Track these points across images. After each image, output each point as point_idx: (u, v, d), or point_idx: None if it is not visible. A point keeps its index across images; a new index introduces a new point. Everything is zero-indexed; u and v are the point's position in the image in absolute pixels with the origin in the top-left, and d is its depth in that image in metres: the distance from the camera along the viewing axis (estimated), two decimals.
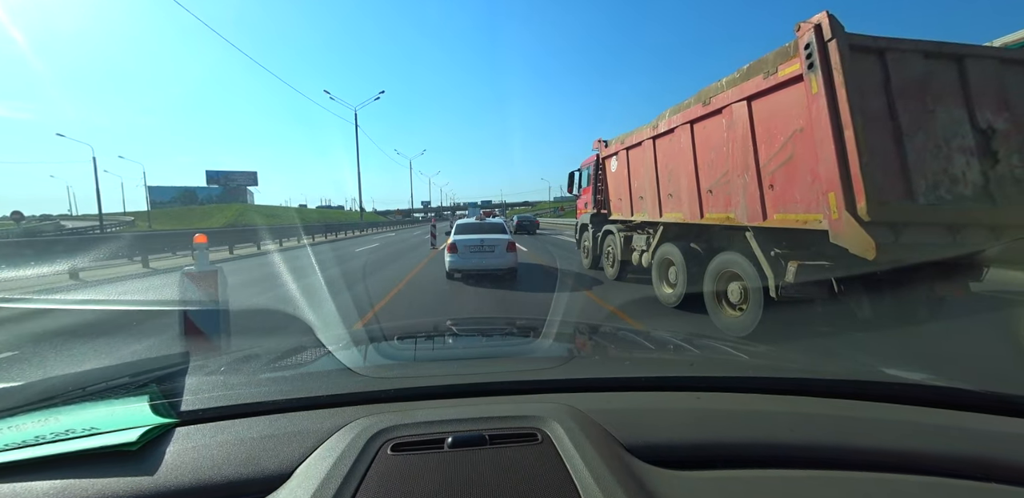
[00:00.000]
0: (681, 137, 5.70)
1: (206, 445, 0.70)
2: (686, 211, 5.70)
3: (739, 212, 4.55)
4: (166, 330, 4.76)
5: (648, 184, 6.80)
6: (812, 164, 3.55)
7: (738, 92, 4.45)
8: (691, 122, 5.46)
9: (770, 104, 4.05)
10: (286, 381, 1.07)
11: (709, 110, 5.02)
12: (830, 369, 1.27)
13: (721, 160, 4.90)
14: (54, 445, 0.68)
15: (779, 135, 3.96)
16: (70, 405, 0.86)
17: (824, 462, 0.68)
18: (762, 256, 4.12)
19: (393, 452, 0.67)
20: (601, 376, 1.02)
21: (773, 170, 4.05)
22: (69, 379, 1.00)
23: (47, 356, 4.21)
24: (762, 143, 4.20)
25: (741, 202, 4.49)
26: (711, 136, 5.09)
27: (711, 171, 5.12)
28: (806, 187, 3.65)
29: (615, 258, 8.28)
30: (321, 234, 25.03)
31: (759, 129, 4.23)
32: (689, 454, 0.70)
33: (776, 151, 3.99)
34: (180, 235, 14.60)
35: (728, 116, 4.67)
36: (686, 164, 5.61)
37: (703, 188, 5.32)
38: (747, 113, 4.34)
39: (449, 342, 1.66)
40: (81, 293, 7.87)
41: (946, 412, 0.83)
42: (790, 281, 3.79)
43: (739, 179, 4.52)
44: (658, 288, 6.46)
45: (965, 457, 0.69)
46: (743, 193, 4.45)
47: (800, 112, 3.66)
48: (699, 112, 5.23)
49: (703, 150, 5.27)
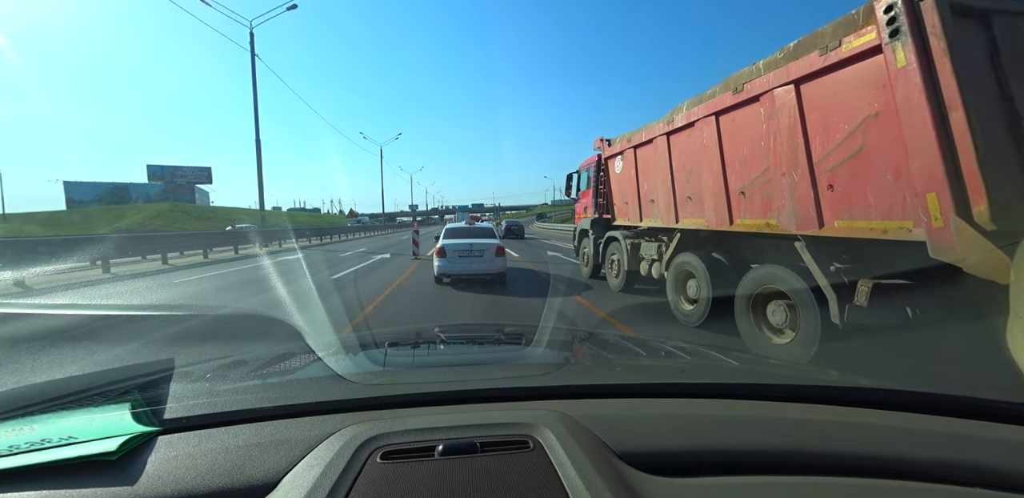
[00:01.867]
0: (704, 132, 4.97)
1: (189, 454, 0.68)
2: (710, 216, 4.95)
3: (784, 218, 3.81)
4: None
5: (661, 186, 6.06)
6: (896, 157, 2.81)
7: (782, 75, 3.72)
8: (716, 114, 4.74)
9: (828, 86, 3.32)
10: (273, 388, 1.04)
11: (741, 99, 4.29)
12: (819, 376, 1.32)
13: (758, 157, 4.17)
14: (29, 455, 0.66)
15: (841, 123, 3.23)
16: (47, 414, 0.84)
17: (816, 468, 0.68)
18: (819, 272, 3.37)
19: (383, 460, 0.66)
20: (593, 383, 1.02)
21: (833, 167, 3.31)
22: (46, 387, 0.99)
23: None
24: (816, 134, 3.46)
25: (787, 206, 3.75)
26: (743, 129, 4.37)
27: (744, 170, 4.38)
28: (885, 187, 2.91)
29: (621, 268, 7.51)
30: (281, 240, 20.17)
31: (812, 117, 3.50)
32: (681, 461, 0.69)
33: (838, 143, 3.26)
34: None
35: (768, 104, 3.94)
36: (710, 163, 4.88)
37: (733, 190, 4.58)
38: (795, 99, 3.61)
39: (440, 348, 1.64)
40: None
41: (937, 418, 0.83)
42: (861, 304, 3.04)
43: (784, 179, 3.78)
44: (675, 304, 5.70)
45: (957, 463, 0.69)
46: (790, 195, 3.71)
47: (875, 93, 2.94)
48: (728, 102, 4.50)
49: (733, 146, 4.54)
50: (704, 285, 5.02)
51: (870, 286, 2.99)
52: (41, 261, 8.74)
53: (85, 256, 10.02)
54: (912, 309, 3.06)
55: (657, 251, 6.44)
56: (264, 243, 18.33)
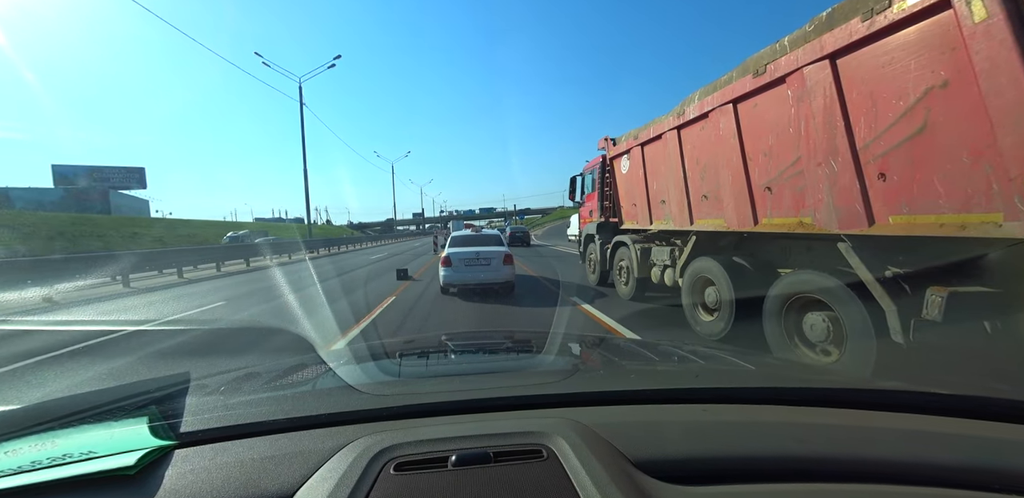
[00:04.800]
0: (720, 122, 4.44)
1: (205, 468, 0.69)
2: (730, 216, 4.40)
3: (822, 215, 3.25)
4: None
5: (673, 185, 5.52)
6: (974, 135, 2.26)
7: (814, 50, 3.19)
8: (734, 101, 4.21)
9: (875, 57, 2.78)
10: (287, 400, 1.01)
11: (764, 82, 3.76)
12: (835, 378, 1.31)
13: (785, 146, 3.62)
14: (50, 470, 0.66)
15: (894, 100, 2.68)
16: (67, 428, 0.84)
17: (835, 475, 0.66)
18: (871, 279, 2.81)
19: (396, 472, 0.65)
20: (605, 389, 1.00)
21: (884, 152, 2.76)
22: (66, 402, 0.97)
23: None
24: (860, 115, 2.92)
25: (826, 201, 3.19)
26: (767, 116, 3.83)
27: (769, 162, 3.84)
28: (960, 172, 2.35)
29: (630, 275, 6.95)
30: (212, 263, 14.39)
31: (854, 96, 2.96)
32: (698, 468, 0.68)
33: (890, 124, 2.71)
34: None
35: (797, 85, 3.41)
36: (728, 156, 4.34)
37: (756, 185, 4.03)
38: (831, 76, 3.07)
39: (451, 357, 1.63)
40: None
41: (955, 420, 0.81)
42: (934, 318, 2.46)
43: (820, 169, 3.23)
44: (692, 314, 5.12)
45: (977, 467, 0.67)
46: (828, 189, 3.16)
47: (941, 59, 2.39)
48: (748, 86, 3.98)
49: (755, 135, 4.00)
50: (725, 294, 4.45)
51: (944, 295, 2.42)
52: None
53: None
54: (992, 323, 2.48)
55: (670, 256, 5.89)
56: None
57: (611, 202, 7.96)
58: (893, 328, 2.63)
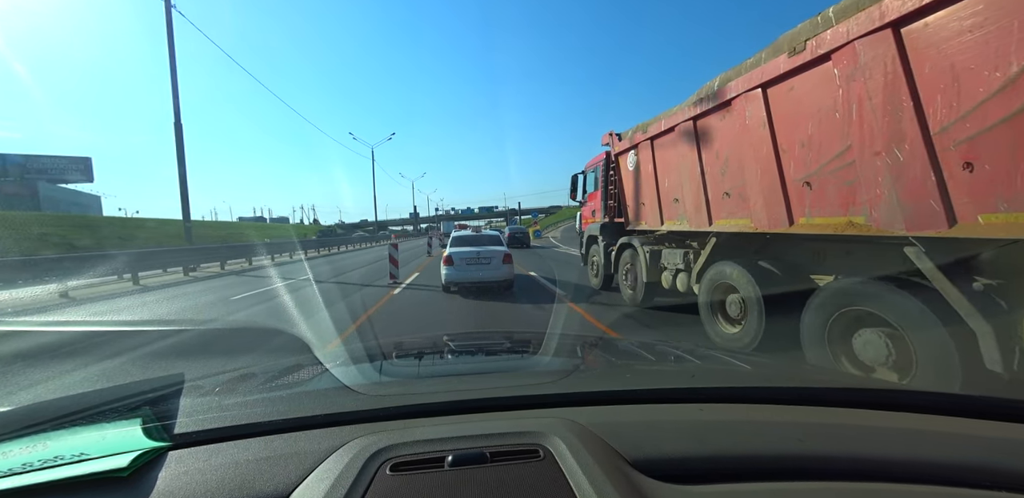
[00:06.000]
0: (747, 110, 3.92)
1: (199, 469, 0.68)
2: (759, 216, 3.88)
3: (881, 213, 2.73)
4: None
5: (688, 182, 5.01)
6: None
7: (870, 19, 2.68)
8: (763, 86, 3.70)
9: (954, 21, 2.27)
10: (282, 401, 1.01)
11: (802, 61, 3.25)
12: (831, 377, 1.33)
13: (831, 134, 3.11)
14: (42, 472, 0.66)
15: (986, 71, 2.16)
16: (59, 430, 0.83)
17: (832, 473, 0.66)
18: (956, 293, 2.29)
19: (392, 472, 0.65)
20: (602, 389, 0.99)
21: (972, 136, 2.24)
22: (58, 403, 0.95)
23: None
24: (936, 92, 2.40)
25: (887, 197, 2.68)
26: (806, 100, 3.32)
27: (809, 153, 3.32)
28: None
29: (638, 279, 6.43)
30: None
31: (925, 69, 2.44)
32: (694, 468, 0.68)
33: (982, 100, 2.19)
34: None
35: (846, 62, 2.90)
36: (757, 148, 3.82)
37: (791, 180, 3.52)
38: (894, 48, 2.56)
39: (448, 358, 1.61)
40: None
41: (951, 419, 0.81)
42: None
43: (878, 159, 2.71)
44: (711, 325, 4.61)
45: (973, 465, 0.67)
46: (891, 182, 2.64)
47: None
48: (781, 67, 3.46)
49: (791, 123, 3.49)
50: (752, 304, 3.94)
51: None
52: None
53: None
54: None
55: (683, 259, 5.36)
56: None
57: (616, 201, 7.45)
58: (988, 355, 2.11)
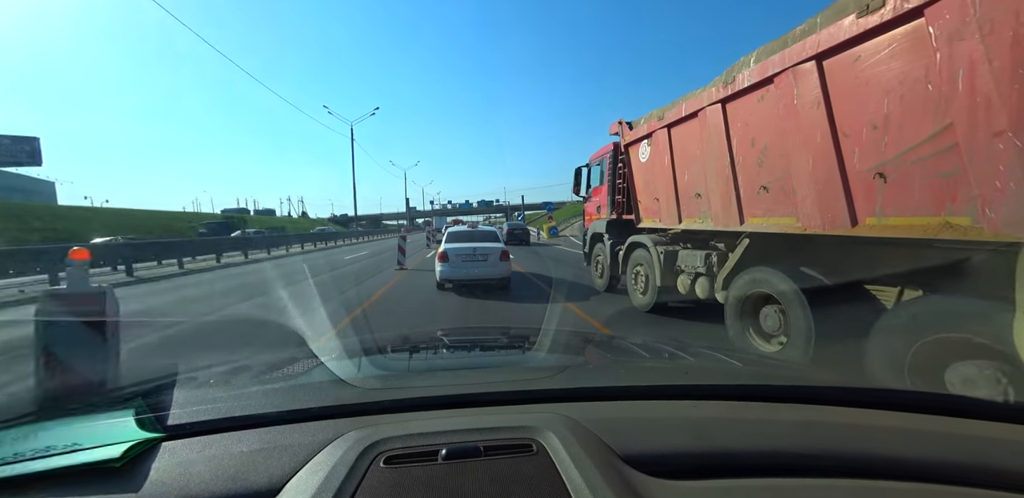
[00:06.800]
0: (796, 88, 3.28)
1: (192, 460, 0.68)
2: (809, 213, 3.26)
3: (1005, 213, 2.09)
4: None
5: (715, 174, 4.37)
6: None
7: None
8: (818, 57, 3.06)
9: None
10: (276, 393, 1.01)
11: (877, 22, 2.61)
12: (823, 376, 1.29)
13: (918, 112, 2.48)
14: (34, 462, 0.66)
15: None
16: (52, 420, 0.84)
17: (823, 470, 0.67)
18: None
19: (386, 465, 0.65)
20: (596, 385, 1.00)
21: None
22: (50, 393, 1.01)
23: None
24: None
25: (1013, 192, 2.05)
26: (879, 72, 2.68)
27: (883, 137, 2.69)
28: None
29: (650, 283, 5.81)
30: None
31: None
32: (687, 463, 0.69)
33: None
34: None
35: (948, 16, 2.26)
36: (808, 133, 3.19)
37: (856, 170, 2.89)
38: None
39: (443, 352, 1.61)
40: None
41: (944, 419, 0.82)
42: None
43: (997, 142, 2.09)
44: (741, 340, 3.99)
45: (964, 464, 0.68)
46: (1020, 174, 2.02)
47: None
48: (844, 33, 2.83)
49: (856, 101, 2.85)
50: (799, 318, 3.32)
51: None
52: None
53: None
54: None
55: (705, 263, 4.74)
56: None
57: (624, 196, 6.82)
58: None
